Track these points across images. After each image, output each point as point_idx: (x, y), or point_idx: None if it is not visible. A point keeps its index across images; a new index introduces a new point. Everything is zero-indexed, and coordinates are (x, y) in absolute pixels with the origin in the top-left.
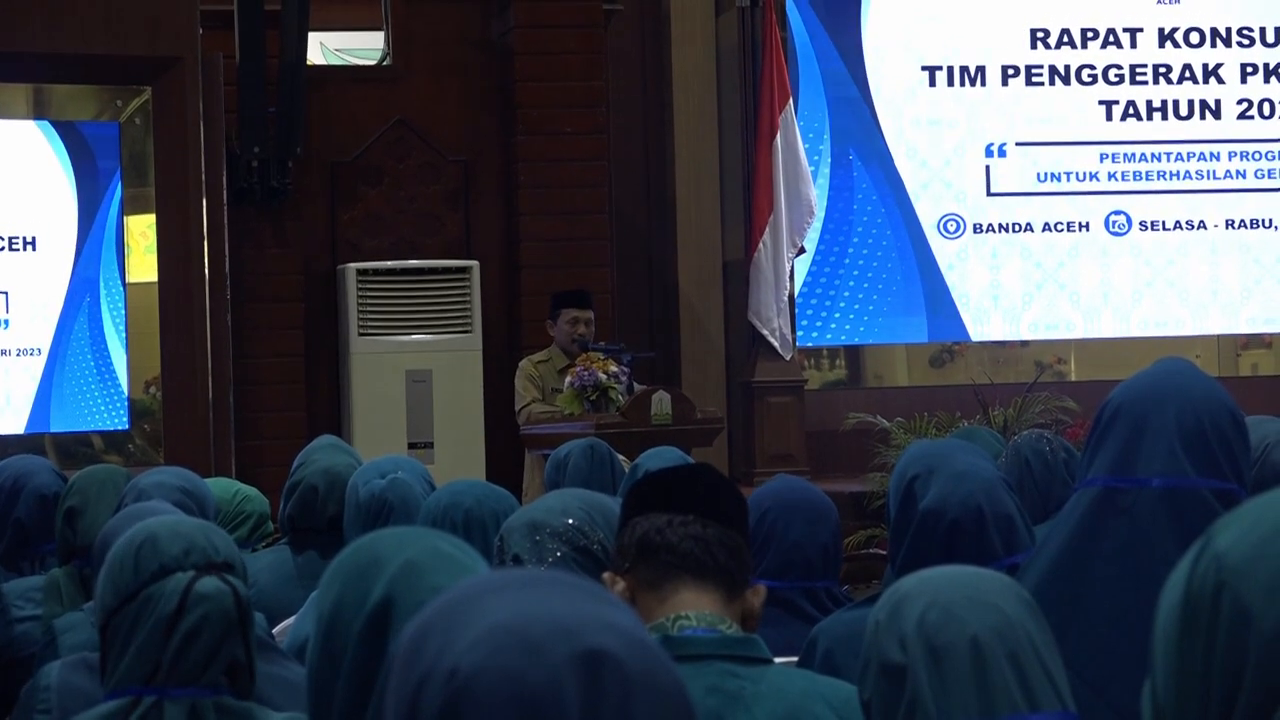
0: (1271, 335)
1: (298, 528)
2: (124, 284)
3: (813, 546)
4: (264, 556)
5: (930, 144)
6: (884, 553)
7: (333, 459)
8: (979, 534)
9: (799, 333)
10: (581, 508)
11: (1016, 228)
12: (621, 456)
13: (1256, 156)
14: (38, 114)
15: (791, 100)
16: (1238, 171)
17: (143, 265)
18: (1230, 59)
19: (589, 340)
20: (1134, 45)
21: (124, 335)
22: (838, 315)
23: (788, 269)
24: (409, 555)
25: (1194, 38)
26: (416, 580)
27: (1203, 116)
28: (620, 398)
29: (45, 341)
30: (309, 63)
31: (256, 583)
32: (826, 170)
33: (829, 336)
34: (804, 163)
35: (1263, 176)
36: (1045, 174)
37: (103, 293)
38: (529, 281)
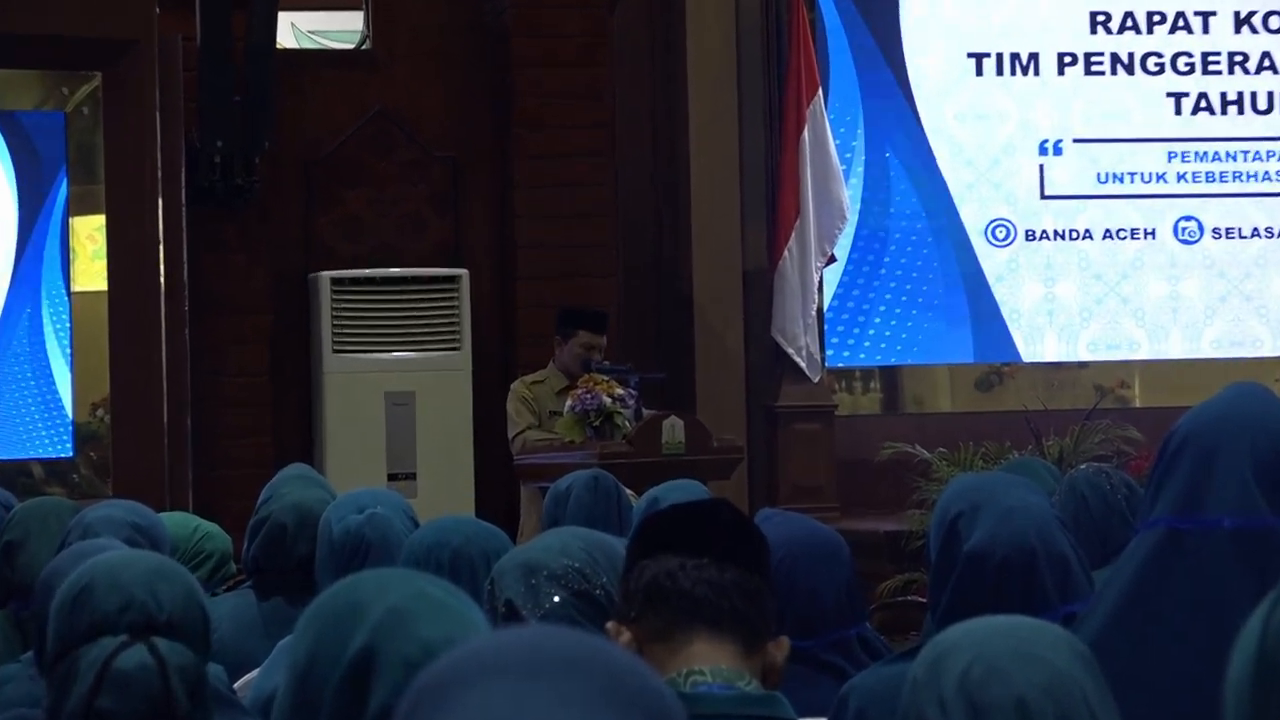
0: None
1: (263, 570)
2: (69, 293)
3: (830, 591)
4: (226, 601)
5: (977, 141)
6: (923, 600)
7: (303, 493)
8: (1030, 578)
9: (829, 351)
10: (583, 548)
11: (1074, 235)
12: (629, 490)
13: None
14: None
15: (821, 90)
16: None
17: (90, 272)
18: None
19: (594, 361)
20: (1206, 30)
21: (68, 351)
22: (872, 332)
23: (816, 279)
24: (393, 600)
25: (1274, 22)
26: (402, 628)
27: None
28: (627, 424)
29: None
30: (279, 46)
31: (217, 630)
32: (860, 169)
33: (862, 356)
34: (835, 160)
35: None
36: (1106, 175)
37: (44, 303)
38: (525, 293)
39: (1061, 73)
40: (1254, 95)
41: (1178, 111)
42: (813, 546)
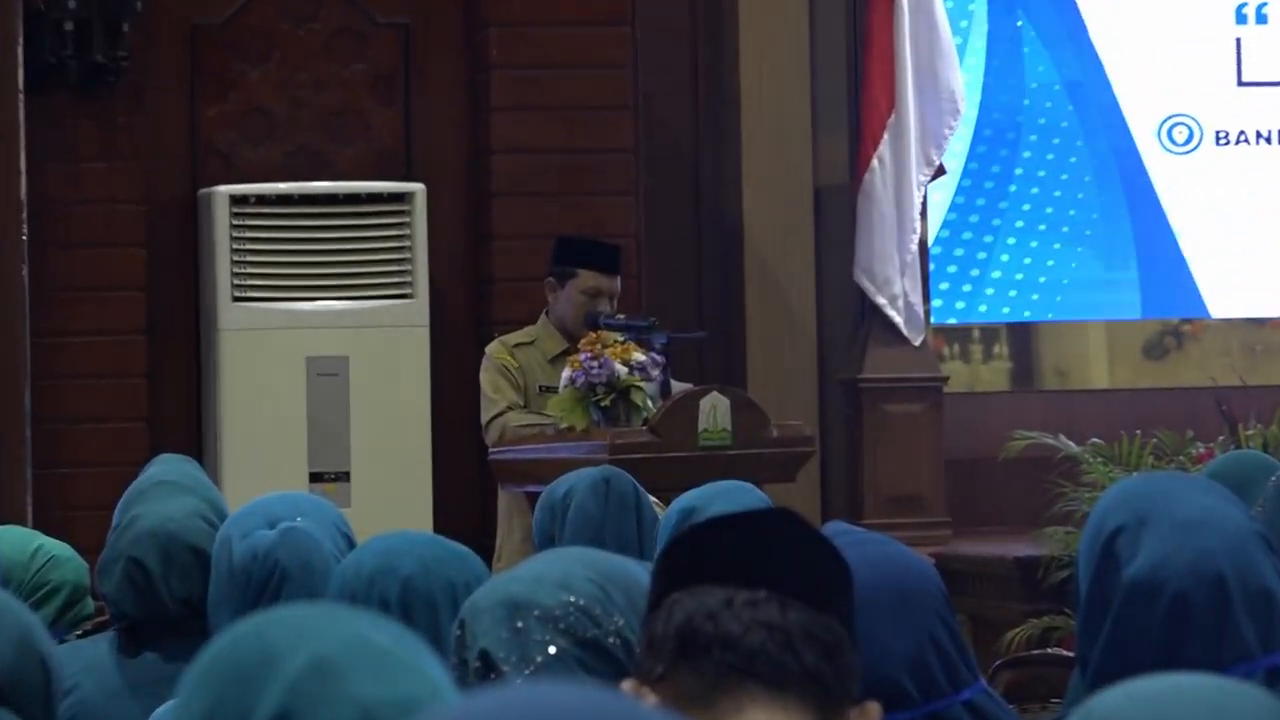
0: None
1: (126, 616)
2: None
3: (923, 645)
4: (83, 652)
5: (1147, 4)
6: (1069, 654)
7: (165, 508)
8: (1219, 619)
9: (935, 303)
10: (590, 578)
11: None
12: (653, 498)
13: None
14: None
15: None
16: None
17: None
18: None
19: (603, 314)
20: None
21: None
22: (996, 275)
23: (918, 201)
24: (318, 648)
25: None
26: (330, 687)
27: None
28: (649, 403)
29: None
30: None
31: (76, 689)
32: (981, 45)
33: (983, 309)
34: (945, 33)
35: None
36: None
37: None
38: (505, 217)
39: None
40: None
41: None
42: (895, 580)
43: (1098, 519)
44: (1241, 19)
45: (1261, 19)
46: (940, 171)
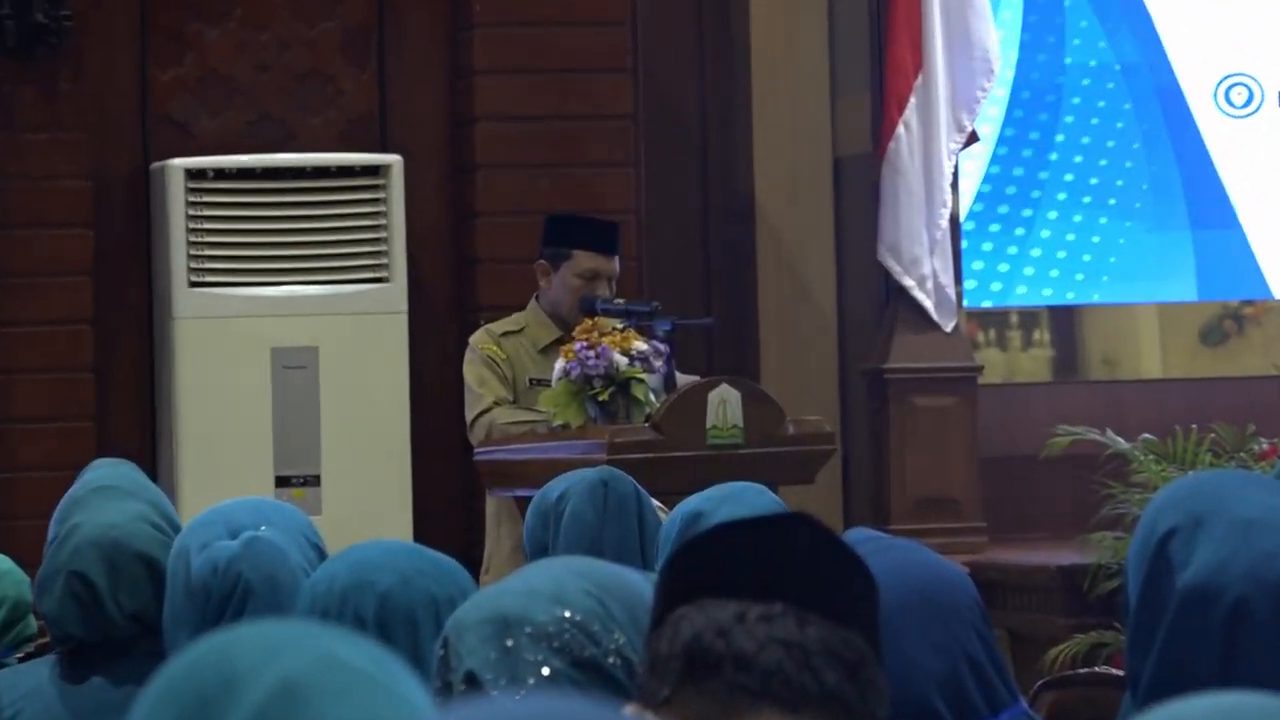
0: None
1: (70, 637)
2: None
3: (956, 663)
4: (24, 677)
5: None
6: (1119, 672)
7: (105, 514)
8: None
9: (969, 284)
10: (588, 591)
11: None
12: (656, 503)
13: None
14: None
15: None
16: None
17: None
18: None
19: (600, 299)
20: None
21: None
22: (1036, 253)
23: (949, 171)
24: (286, 670)
25: None
26: (299, 712)
27: None
28: (651, 397)
29: None
30: None
31: (16, 718)
32: None
33: (1021, 291)
34: None
35: None
36: None
37: None
38: (490, 192)
39: None
40: None
41: None
42: (910, 595)
43: (1149, 521)
44: None
45: None
46: (973, 138)
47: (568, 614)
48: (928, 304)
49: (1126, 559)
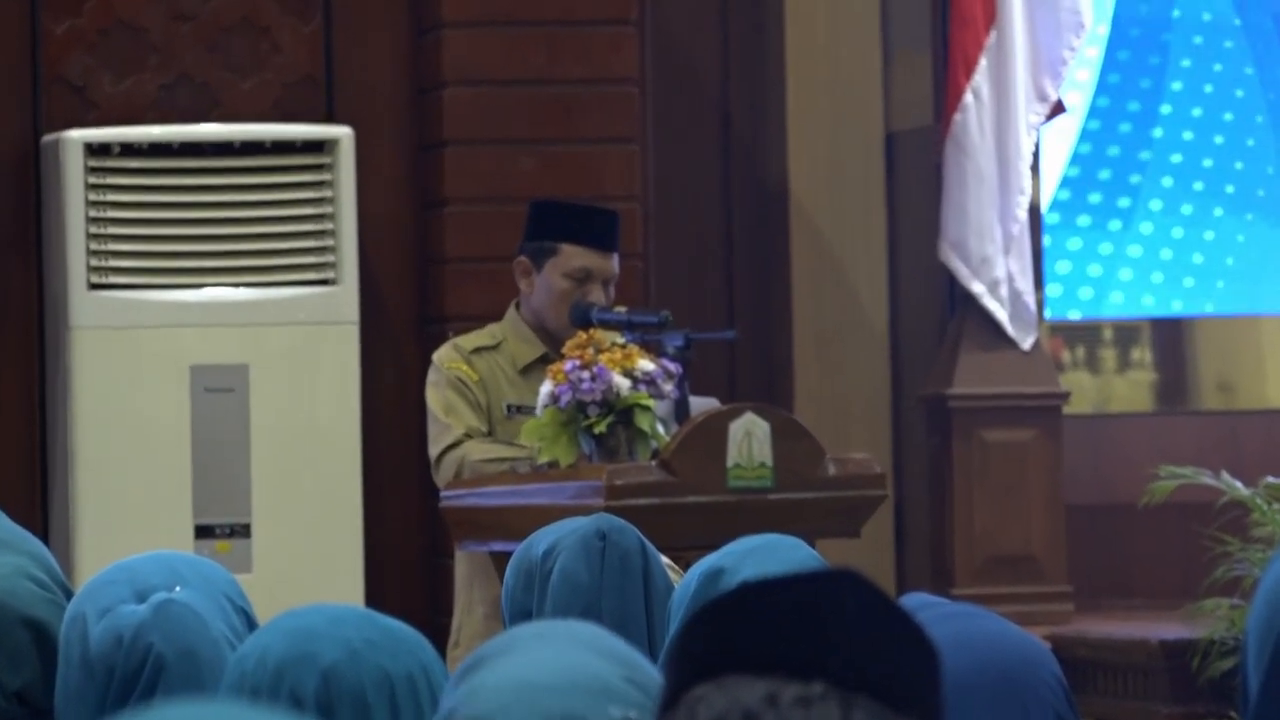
0: None
1: None
2: None
3: None
4: None
5: None
6: None
7: None
8: None
9: (1052, 290)
10: (582, 667)
11: None
12: (666, 559)
13: None
14: None
15: None
16: None
17: None
18: None
19: (596, 307)
20: None
21: None
22: (1135, 253)
23: (1028, 152)
24: None
25: None
26: None
27: None
28: (659, 429)
29: None
30: None
31: None
32: None
33: (1117, 300)
34: None
35: None
36: None
37: None
38: (460, 174)
39: None
40: None
41: None
42: (981, 673)
43: (1273, 587)
44: None
45: None
46: (1059, 109)
47: (558, 702)
48: (1001, 315)
49: (1245, 632)
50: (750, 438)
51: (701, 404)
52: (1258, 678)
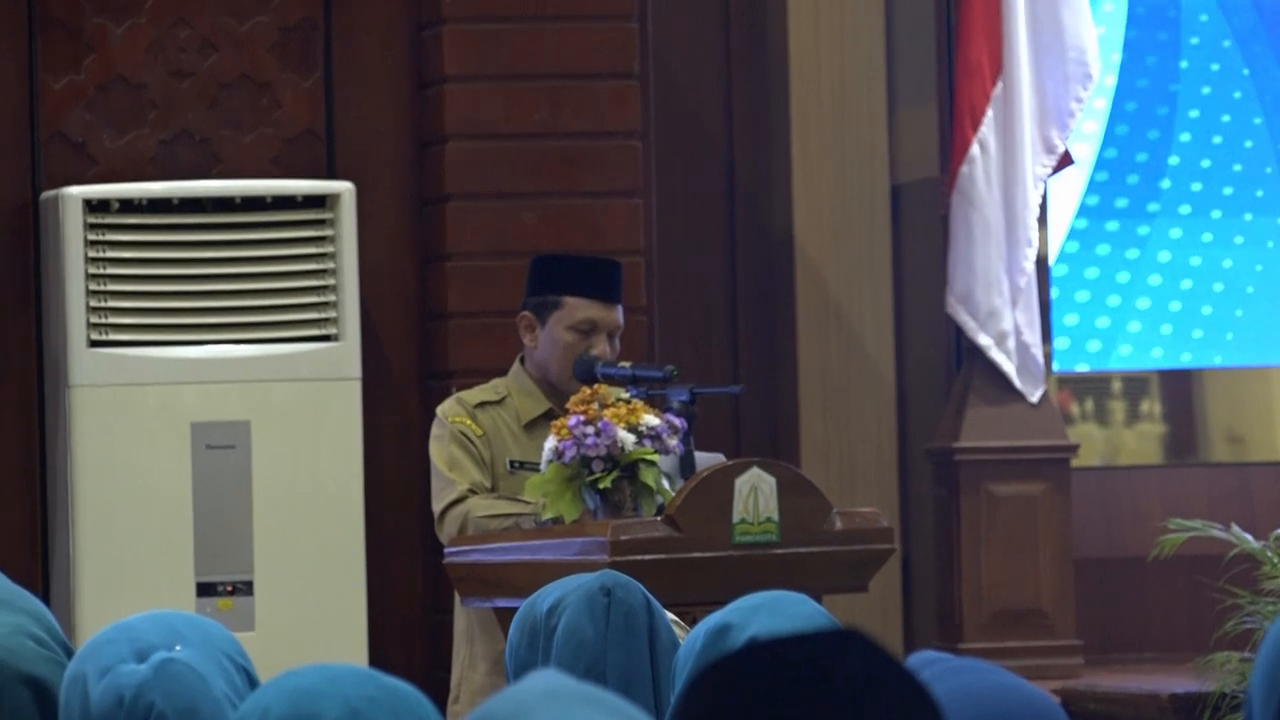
0: None
1: None
2: None
3: None
4: None
5: None
6: None
7: None
8: None
9: (1059, 343)
10: None
11: None
12: (671, 615)
13: None
14: None
15: None
16: None
17: None
18: None
19: (601, 362)
20: None
21: None
22: (1144, 304)
23: (1035, 203)
24: None
25: None
26: None
27: None
28: (664, 484)
29: None
30: None
31: None
32: None
33: (1125, 352)
34: None
35: None
36: None
37: None
38: (462, 228)
39: None
40: None
41: None
42: None
43: (1278, 640)
44: None
45: None
46: (1066, 160)
47: None
48: (1008, 367)
49: (1250, 685)
50: (756, 492)
51: (707, 459)
52: None
